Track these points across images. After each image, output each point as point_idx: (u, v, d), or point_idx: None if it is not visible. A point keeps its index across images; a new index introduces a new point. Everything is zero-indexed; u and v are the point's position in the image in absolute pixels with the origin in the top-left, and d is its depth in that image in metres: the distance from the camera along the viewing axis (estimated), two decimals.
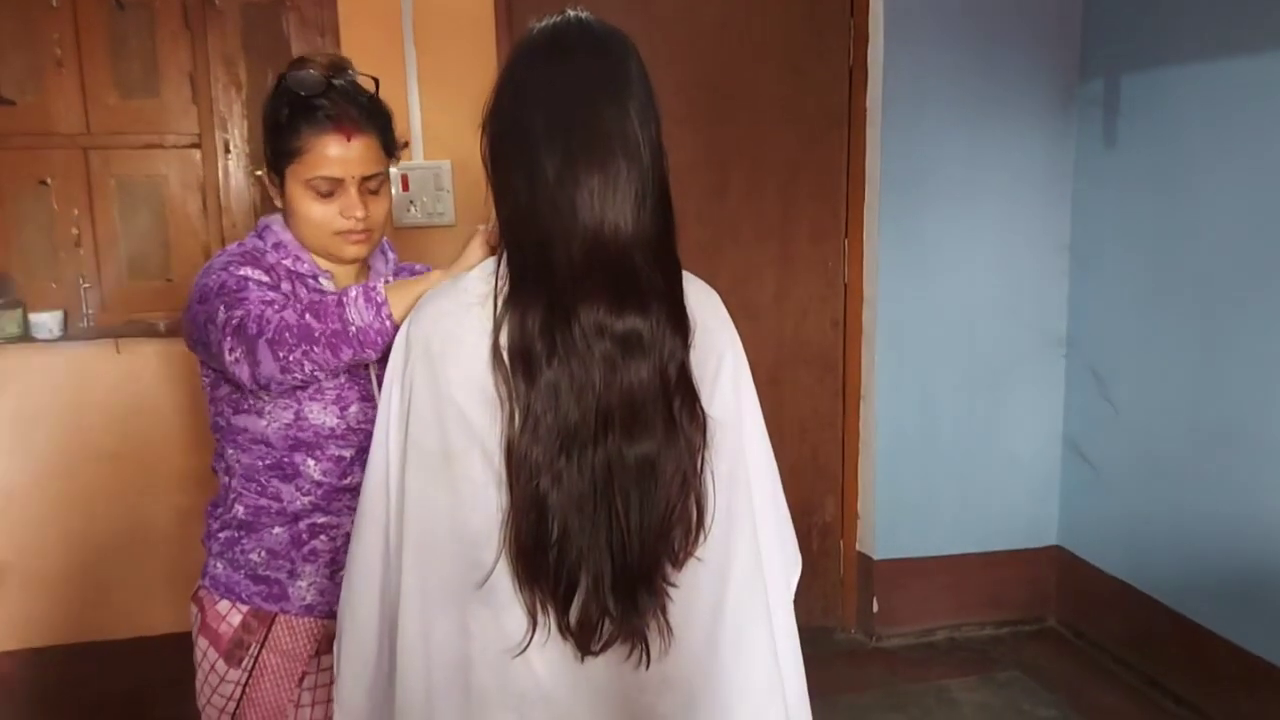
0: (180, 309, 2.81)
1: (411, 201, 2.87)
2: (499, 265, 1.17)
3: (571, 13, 1.19)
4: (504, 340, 1.14)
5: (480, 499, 1.17)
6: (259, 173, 2.81)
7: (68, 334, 2.76)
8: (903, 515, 3.33)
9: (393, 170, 2.83)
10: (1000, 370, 3.33)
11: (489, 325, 1.15)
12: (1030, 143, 3.24)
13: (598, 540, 1.15)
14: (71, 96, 2.75)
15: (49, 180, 2.78)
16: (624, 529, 1.15)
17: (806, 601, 3.40)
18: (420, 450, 1.20)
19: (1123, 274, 3.12)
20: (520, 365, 1.13)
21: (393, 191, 2.82)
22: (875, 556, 3.32)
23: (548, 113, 1.13)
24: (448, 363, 1.18)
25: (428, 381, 1.19)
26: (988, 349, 3.31)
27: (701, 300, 1.25)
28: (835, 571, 3.44)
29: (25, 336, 2.71)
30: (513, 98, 1.16)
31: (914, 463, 3.31)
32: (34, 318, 2.72)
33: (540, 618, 1.16)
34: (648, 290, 1.15)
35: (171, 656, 2.87)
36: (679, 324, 1.18)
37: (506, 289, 1.15)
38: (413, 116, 2.84)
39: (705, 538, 1.20)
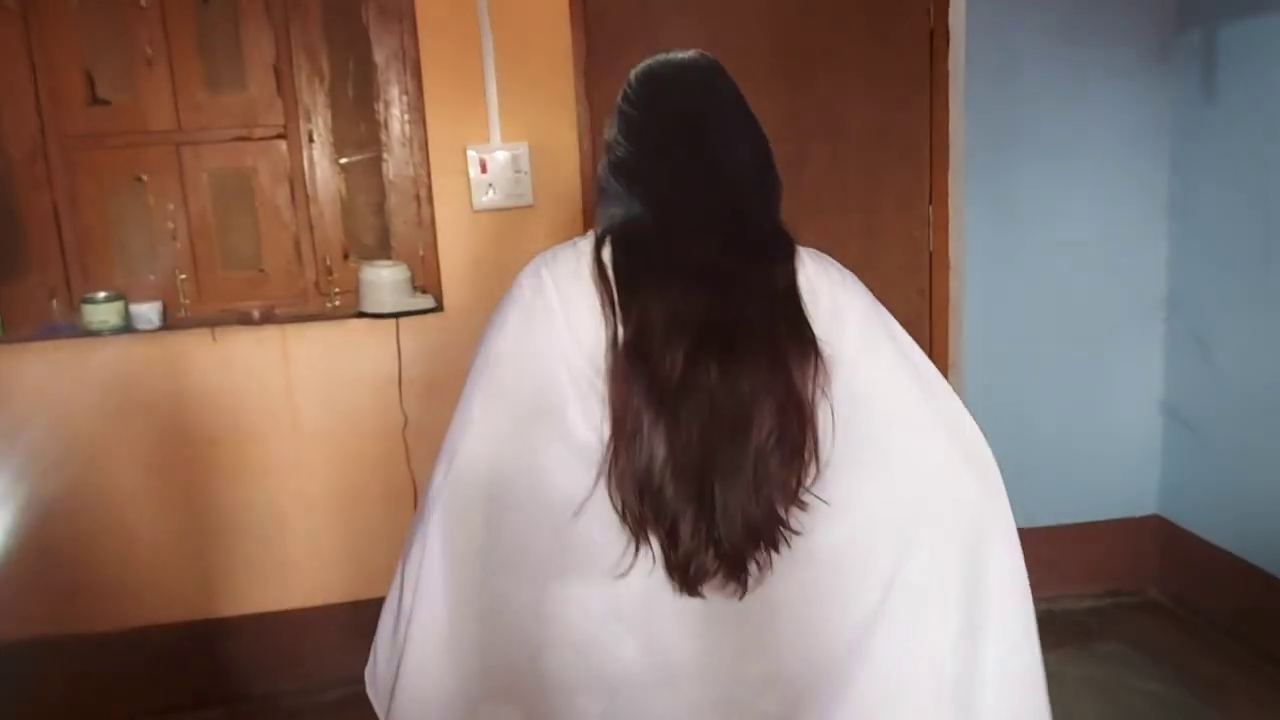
0: (271, 298, 2.89)
1: (490, 184, 2.89)
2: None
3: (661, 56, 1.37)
4: (606, 256, 1.24)
5: (569, 460, 1.20)
6: (343, 160, 2.89)
7: (166, 324, 2.84)
8: None
9: (471, 153, 2.88)
10: (1096, 336, 3.23)
11: (583, 265, 1.25)
12: (1123, 98, 3.12)
13: (704, 466, 1.15)
14: (163, 94, 2.82)
15: (144, 177, 2.86)
16: (736, 463, 1.15)
17: None
18: (507, 405, 1.25)
19: (1225, 233, 3.00)
20: (625, 283, 1.21)
21: (471, 174, 2.88)
22: None
23: (648, 97, 1.34)
24: (564, 308, 1.25)
25: (524, 335, 1.26)
26: (1083, 314, 3.21)
27: (811, 263, 1.33)
28: None
29: (127, 328, 2.80)
30: (634, 124, 1.34)
31: (1007, 433, 3.22)
32: (134, 309, 2.81)
33: (642, 555, 1.17)
34: (757, 225, 1.28)
35: (275, 634, 2.98)
36: (778, 242, 1.28)
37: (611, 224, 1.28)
38: (490, 99, 2.86)
39: (819, 472, 1.20)
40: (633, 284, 1.21)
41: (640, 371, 1.17)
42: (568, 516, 1.18)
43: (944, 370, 3.25)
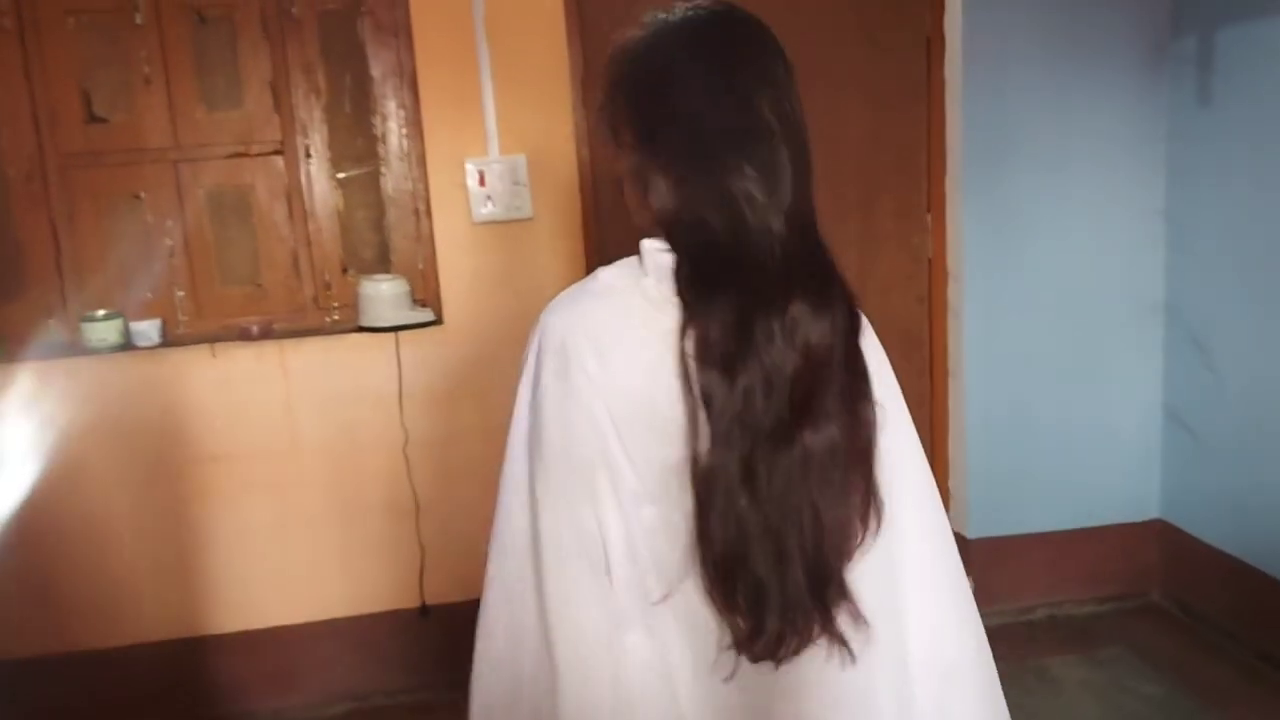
0: (269, 313, 2.88)
1: (489, 196, 2.90)
2: (673, 266, 1.10)
3: (704, 3, 1.18)
4: (689, 346, 1.08)
5: (613, 517, 1.11)
6: (340, 175, 2.89)
7: (165, 341, 2.85)
8: (997, 492, 3.27)
9: (468, 166, 2.88)
10: (1095, 341, 3.24)
11: (661, 329, 1.09)
12: (1120, 105, 3.13)
13: (789, 542, 1.09)
14: (160, 112, 2.82)
15: (142, 194, 2.86)
16: (817, 524, 1.10)
17: None
18: (561, 461, 1.13)
19: (1222, 237, 3.01)
20: (717, 368, 1.07)
21: (470, 186, 2.88)
22: (969, 535, 3.27)
23: (703, 105, 1.11)
24: (599, 365, 1.10)
25: (566, 386, 1.11)
26: (1081, 319, 3.22)
27: (865, 321, 1.24)
28: None
29: (126, 345, 2.80)
30: (655, 91, 1.14)
31: (1007, 438, 3.25)
32: (133, 326, 2.81)
33: (722, 636, 1.11)
34: (827, 273, 1.14)
35: (276, 650, 2.98)
36: (849, 304, 1.15)
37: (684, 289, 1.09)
38: (487, 112, 2.86)
39: (880, 524, 1.16)
40: (727, 369, 1.07)
41: (729, 461, 1.07)
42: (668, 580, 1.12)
43: (944, 377, 3.27)
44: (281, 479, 2.93)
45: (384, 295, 2.86)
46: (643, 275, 1.12)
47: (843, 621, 1.13)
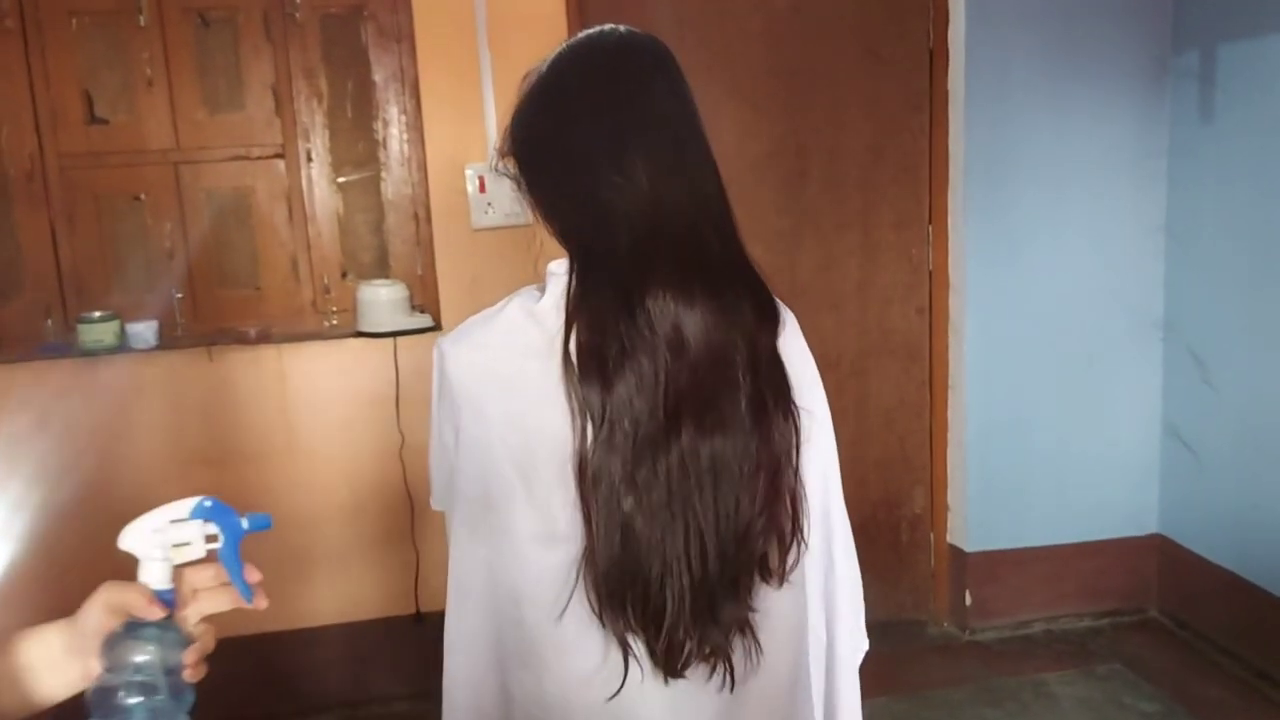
0: (268, 317, 2.87)
1: (489, 203, 2.89)
2: (569, 281, 1.08)
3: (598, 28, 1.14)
4: (572, 348, 1.05)
5: (521, 553, 1.09)
6: (341, 179, 2.89)
7: (162, 343, 2.83)
8: (995, 506, 3.26)
9: (468, 172, 2.88)
10: (1095, 355, 3.23)
11: (557, 355, 1.06)
12: (1121, 119, 3.13)
13: (678, 551, 1.06)
14: (161, 113, 2.82)
15: (142, 196, 2.86)
16: (701, 534, 1.06)
17: (896, 595, 3.36)
18: (464, 500, 1.13)
19: (1223, 252, 3.00)
20: (594, 375, 1.04)
21: (470, 192, 2.88)
22: (967, 549, 3.26)
23: (589, 102, 1.08)
24: (498, 406, 1.08)
25: (466, 431, 1.10)
26: (1081, 333, 3.21)
27: (789, 321, 1.18)
28: (925, 564, 3.39)
29: (123, 347, 2.79)
30: (546, 105, 1.10)
31: (1006, 452, 3.24)
32: (130, 328, 2.80)
33: (620, 650, 1.08)
34: (721, 266, 1.08)
35: (271, 655, 2.96)
36: (759, 301, 1.10)
37: (573, 295, 1.07)
38: (489, 119, 2.86)
39: (806, 547, 1.12)
40: (603, 377, 1.04)
41: (616, 467, 1.05)
42: (544, 610, 1.09)
43: (944, 390, 3.26)
44: (277, 483, 2.92)
45: (382, 300, 2.86)
46: (538, 300, 1.10)
47: (735, 641, 1.10)
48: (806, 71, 3.07)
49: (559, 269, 1.09)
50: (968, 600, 3.28)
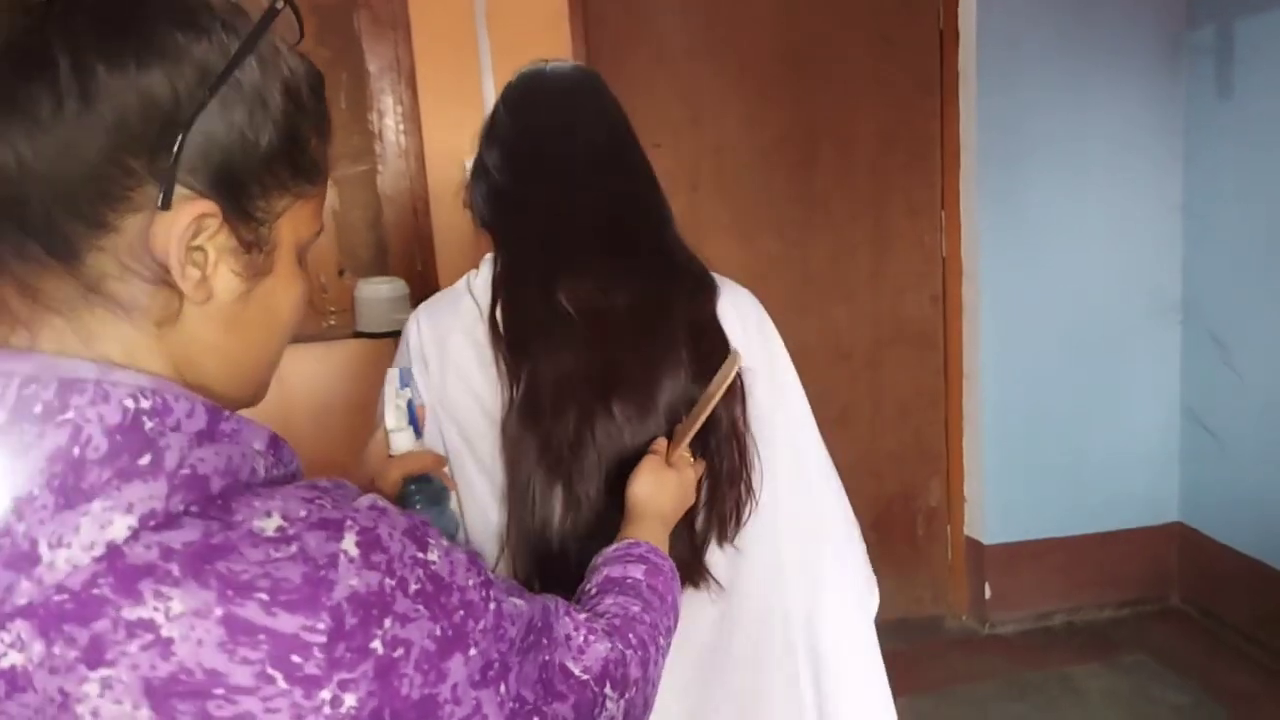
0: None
1: None
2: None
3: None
4: (499, 315, 1.15)
5: (483, 508, 1.17)
6: (335, 173, 2.78)
7: None
8: (1013, 496, 3.19)
9: (469, 164, 2.77)
10: (1112, 340, 3.17)
11: (474, 317, 1.17)
12: (1136, 98, 3.06)
13: (607, 522, 1.09)
14: None
15: None
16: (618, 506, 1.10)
17: (913, 590, 3.29)
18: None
19: (1242, 232, 2.94)
20: (514, 342, 1.13)
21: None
22: (985, 541, 3.19)
23: (523, 125, 1.22)
24: (442, 367, 1.19)
25: (429, 389, 1.19)
26: (1098, 318, 3.15)
27: (728, 295, 1.24)
28: (943, 558, 3.32)
29: None
30: (490, 131, 1.27)
31: (1024, 441, 3.16)
32: None
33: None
34: (650, 252, 1.19)
35: None
36: (694, 278, 1.20)
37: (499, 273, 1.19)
38: (489, 109, 2.75)
39: (755, 505, 1.19)
40: (521, 346, 1.13)
41: (532, 436, 1.12)
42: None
43: (959, 376, 3.19)
44: None
45: (382, 298, 2.75)
46: (476, 278, 1.22)
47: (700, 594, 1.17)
48: (814, 55, 2.98)
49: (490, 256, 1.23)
50: (987, 593, 3.21)
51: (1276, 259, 2.83)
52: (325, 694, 0.55)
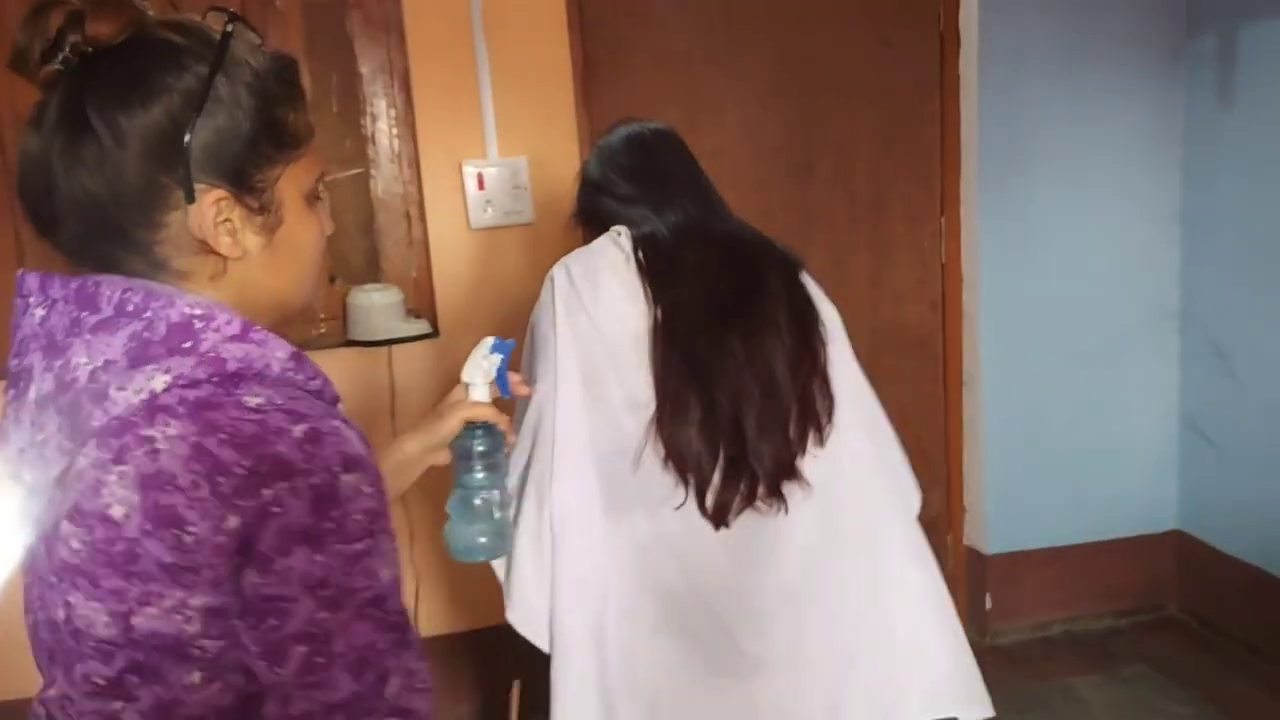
0: None
1: (489, 201, 2.73)
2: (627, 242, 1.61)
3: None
4: (642, 256, 1.56)
5: (614, 419, 1.52)
6: (327, 177, 2.69)
7: None
8: (1013, 506, 3.16)
9: (467, 168, 2.71)
10: (1111, 348, 3.14)
11: (622, 259, 1.57)
12: (1137, 106, 3.03)
13: (738, 423, 1.51)
14: None
15: None
16: (761, 412, 1.51)
17: None
18: (568, 382, 1.53)
19: (1241, 241, 2.93)
20: (661, 274, 1.54)
21: (468, 190, 2.71)
22: (987, 552, 3.15)
23: (631, 166, 1.73)
24: (596, 298, 1.54)
25: (570, 323, 1.54)
26: (1097, 326, 3.12)
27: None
28: (943, 567, 3.26)
29: None
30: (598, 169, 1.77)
31: (1023, 450, 3.14)
32: None
33: (688, 490, 1.50)
34: (752, 241, 1.65)
35: None
36: (785, 250, 1.66)
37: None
38: (486, 113, 2.70)
39: (833, 423, 1.59)
40: (665, 277, 1.53)
41: (677, 348, 1.49)
42: (631, 462, 1.52)
43: (958, 385, 3.16)
44: None
45: (375, 305, 2.69)
46: (619, 236, 1.60)
47: (786, 489, 1.55)
48: (813, 60, 2.95)
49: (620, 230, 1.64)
50: (988, 604, 3.18)
51: (1276, 267, 2.81)
52: (227, 512, 0.78)
